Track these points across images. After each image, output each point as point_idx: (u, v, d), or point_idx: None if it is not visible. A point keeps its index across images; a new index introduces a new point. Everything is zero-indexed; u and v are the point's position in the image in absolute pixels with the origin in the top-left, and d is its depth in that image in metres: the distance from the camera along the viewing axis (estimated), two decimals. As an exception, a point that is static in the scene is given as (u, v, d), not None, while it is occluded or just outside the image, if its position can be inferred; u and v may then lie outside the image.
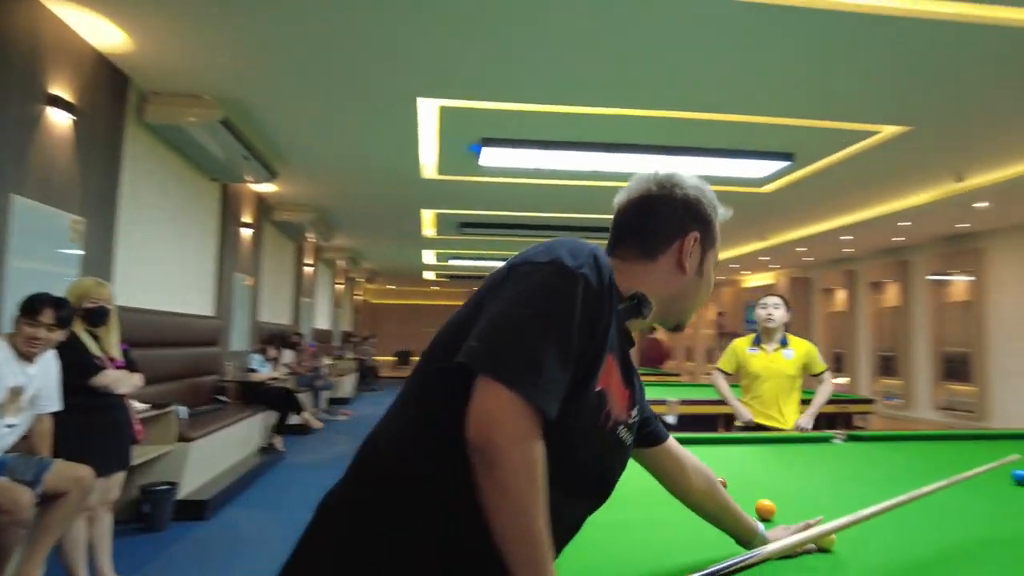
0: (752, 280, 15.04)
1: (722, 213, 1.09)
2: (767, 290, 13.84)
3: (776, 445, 2.66)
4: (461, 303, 0.93)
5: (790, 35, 3.44)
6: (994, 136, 5.09)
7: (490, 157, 5.52)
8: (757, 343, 3.56)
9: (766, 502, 1.51)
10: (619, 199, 1.07)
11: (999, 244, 8.04)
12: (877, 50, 3.58)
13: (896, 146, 5.28)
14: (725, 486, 1.75)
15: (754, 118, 4.75)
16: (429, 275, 17.09)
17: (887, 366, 9.84)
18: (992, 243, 8.13)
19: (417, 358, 0.92)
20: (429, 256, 13.03)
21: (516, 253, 0.94)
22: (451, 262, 13.61)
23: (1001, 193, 6.24)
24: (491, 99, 4.43)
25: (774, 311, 3.50)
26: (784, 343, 3.50)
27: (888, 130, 4.99)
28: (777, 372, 3.45)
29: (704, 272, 1.06)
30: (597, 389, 0.85)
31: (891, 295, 9.92)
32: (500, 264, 0.93)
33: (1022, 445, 2.31)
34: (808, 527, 1.18)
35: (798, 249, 10.33)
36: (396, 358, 19.93)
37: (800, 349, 3.50)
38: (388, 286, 20.64)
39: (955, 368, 8.49)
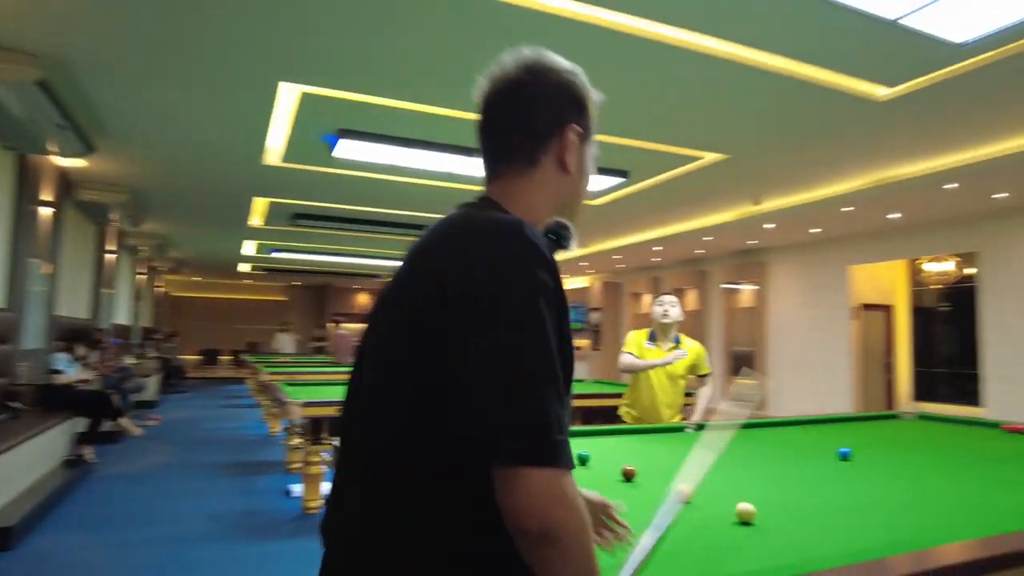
0: (568, 283, 16.09)
1: (596, 95, 0.96)
2: (583, 293, 14.96)
3: (642, 435, 2.94)
4: (279, 298, 0.76)
5: (631, 64, 3.80)
6: (786, 170, 6.05)
7: (345, 149, 5.36)
8: (653, 339, 3.68)
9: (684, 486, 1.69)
10: (483, 92, 0.91)
11: (779, 259, 9.50)
12: (708, 86, 4.10)
13: (713, 171, 6.05)
14: (635, 474, 1.95)
15: (599, 136, 5.15)
16: (244, 267, 15.90)
17: (687, 363, 11.11)
18: (773, 258, 9.58)
19: (228, 357, 0.72)
20: (249, 247, 12.15)
21: (359, 248, 0.80)
22: (273, 254, 12.82)
23: (785, 217, 7.41)
24: (354, 90, 4.31)
25: (670, 308, 3.64)
26: (677, 342, 3.66)
27: (709, 157, 5.69)
28: (667, 370, 3.56)
29: (585, 169, 0.95)
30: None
31: (691, 300, 11.22)
32: (327, 259, 0.80)
33: (835, 427, 2.84)
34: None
35: (614, 256, 11.29)
36: (202, 357, 18.24)
37: (692, 351, 3.64)
38: (194, 277, 18.81)
39: (742, 364, 9.87)
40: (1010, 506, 1.59)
